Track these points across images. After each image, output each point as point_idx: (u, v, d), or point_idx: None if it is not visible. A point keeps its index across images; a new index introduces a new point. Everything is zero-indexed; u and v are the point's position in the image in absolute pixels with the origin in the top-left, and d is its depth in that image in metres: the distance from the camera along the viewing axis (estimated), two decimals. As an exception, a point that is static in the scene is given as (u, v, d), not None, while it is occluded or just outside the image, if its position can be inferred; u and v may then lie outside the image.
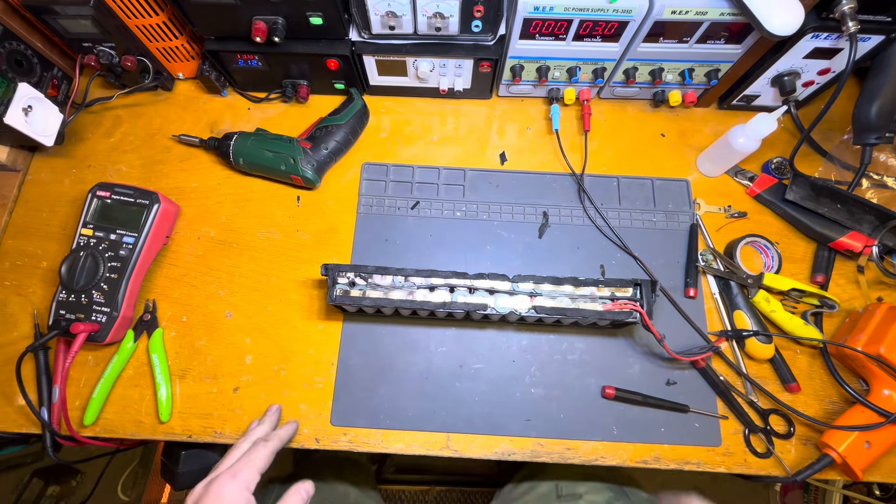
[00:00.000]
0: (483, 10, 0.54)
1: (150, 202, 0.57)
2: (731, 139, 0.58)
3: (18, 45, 0.59)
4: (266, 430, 0.51)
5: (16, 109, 0.55)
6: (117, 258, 0.56)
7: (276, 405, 0.55)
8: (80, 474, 1.27)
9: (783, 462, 0.53)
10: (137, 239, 0.56)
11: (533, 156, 0.67)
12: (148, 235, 0.57)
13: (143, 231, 0.57)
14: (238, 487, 0.43)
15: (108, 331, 0.54)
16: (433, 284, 0.52)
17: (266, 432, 0.51)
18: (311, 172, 0.61)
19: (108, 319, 0.54)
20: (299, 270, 0.61)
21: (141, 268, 0.57)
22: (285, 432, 0.51)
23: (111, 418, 0.55)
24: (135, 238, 0.56)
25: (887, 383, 0.52)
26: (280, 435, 0.50)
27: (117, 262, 0.56)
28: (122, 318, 0.55)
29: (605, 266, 0.61)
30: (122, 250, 0.56)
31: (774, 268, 0.60)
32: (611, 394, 0.55)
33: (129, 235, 0.56)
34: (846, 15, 0.49)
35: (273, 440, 0.48)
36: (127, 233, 0.56)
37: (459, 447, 0.55)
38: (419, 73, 0.62)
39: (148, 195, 0.58)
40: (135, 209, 0.57)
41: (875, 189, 0.63)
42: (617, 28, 0.55)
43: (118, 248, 0.56)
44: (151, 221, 0.57)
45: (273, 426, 0.53)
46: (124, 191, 0.58)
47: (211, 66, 0.65)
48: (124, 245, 0.56)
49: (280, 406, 0.55)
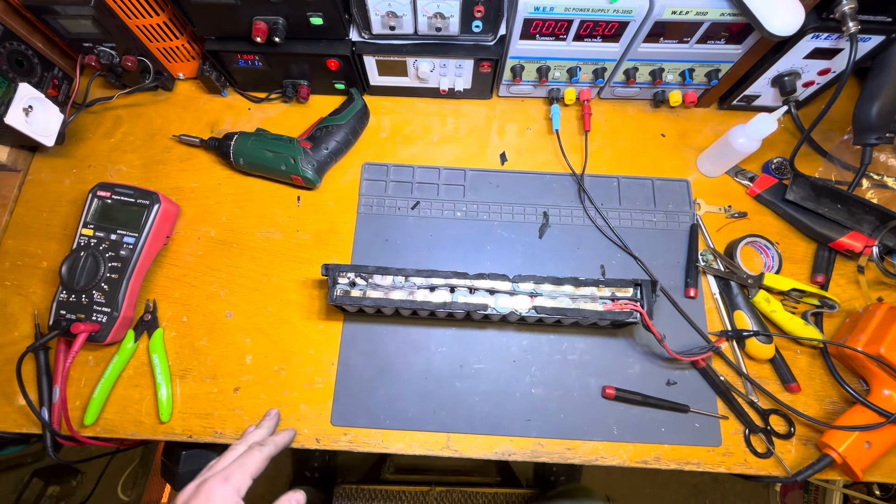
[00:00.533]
0: (483, 10, 0.54)
1: (151, 202, 0.57)
2: (731, 139, 0.59)
3: (19, 46, 0.59)
4: (263, 434, 0.51)
5: (16, 109, 0.55)
6: (118, 258, 0.56)
7: (275, 410, 0.55)
8: (80, 474, 1.27)
9: (783, 462, 0.53)
10: (138, 239, 0.56)
11: (533, 156, 0.67)
12: (148, 236, 0.57)
13: (143, 231, 0.57)
14: (229, 491, 0.42)
15: (108, 331, 0.54)
16: (433, 284, 0.52)
17: (263, 437, 0.50)
18: (311, 172, 0.61)
19: (108, 319, 0.54)
20: (299, 270, 0.61)
21: (141, 268, 0.57)
22: (282, 438, 0.50)
23: (111, 418, 0.55)
24: (135, 238, 0.56)
25: (887, 383, 0.52)
26: (277, 441, 0.49)
27: (118, 263, 0.56)
28: (123, 319, 0.55)
29: (606, 266, 0.61)
30: (122, 250, 0.56)
31: (775, 268, 0.60)
32: (611, 394, 0.55)
33: (130, 235, 0.56)
34: (846, 15, 0.49)
35: (269, 445, 0.48)
36: (127, 233, 0.56)
37: (459, 447, 0.55)
38: (419, 73, 0.62)
39: (148, 195, 0.58)
40: (135, 209, 0.57)
41: (875, 189, 0.63)
42: (617, 28, 0.55)
43: (119, 249, 0.56)
44: (152, 222, 0.57)
45: (271, 431, 0.52)
46: (125, 191, 0.58)
47: (211, 66, 0.65)
48: (125, 245, 0.56)
49: (279, 411, 0.55)
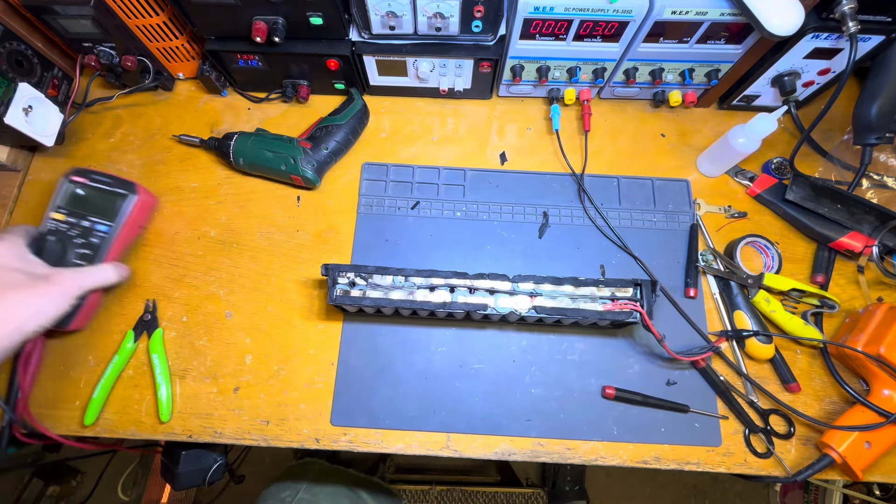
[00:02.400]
0: (483, 10, 0.54)
1: (128, 192, 0.57)
2: (731, 139, 0.58)
3: (19, 45, 0.59)
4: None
5: (16, 109, 0.55)
6: (88, 245, 0.55)
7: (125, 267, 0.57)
8: (80, 474, 1.27)
9: (783, 462, 0.54)
10: (112, 228, 0.56)
11: (533, 156, 0.67)
12: (123, 225, 0.56)
13: (118, 221, 0.56)
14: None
15: (71, 318, 0.54)
16: (433, 284, 0.52)
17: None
18: (311, 172, 0.61)
19: (72, 307, 0.54)
20: (299, 270, 0.61)
21: (113, 257, 0.57)
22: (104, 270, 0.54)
23: (111, 418, 0.55)
24: (109, 227, 0.56)
25: (887, 383, 0.52)
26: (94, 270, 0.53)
27: (88, 250, 0.55)
28: (88, 306, 0.55)
29: (605, 266, 0.61)
30: (93, 237, 0.55)
31: (774, 268, 0.60)
32: (611, 394, 0.55)
33: (104, 224, 0.56)
34: (846, 15, 0.49)
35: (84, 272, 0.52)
36: (101, 221, 0.56)
37: (459, 447, 0.55)
38: (419, 73, 0.62)
39: (126, 185, 0.57)
40: (112, 198, 0.56)
41: (875, 189, 0.63)
42: (617, 28, 0.55)
43: (90, 236, 0.55)
44: (128, 212, 0.56)
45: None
46: (102, 178, 0.57)
47: (211, 66, 0.65)
48: (96, 233, 0.56)
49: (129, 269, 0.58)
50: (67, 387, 0.56)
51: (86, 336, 0.58)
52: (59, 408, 0.55)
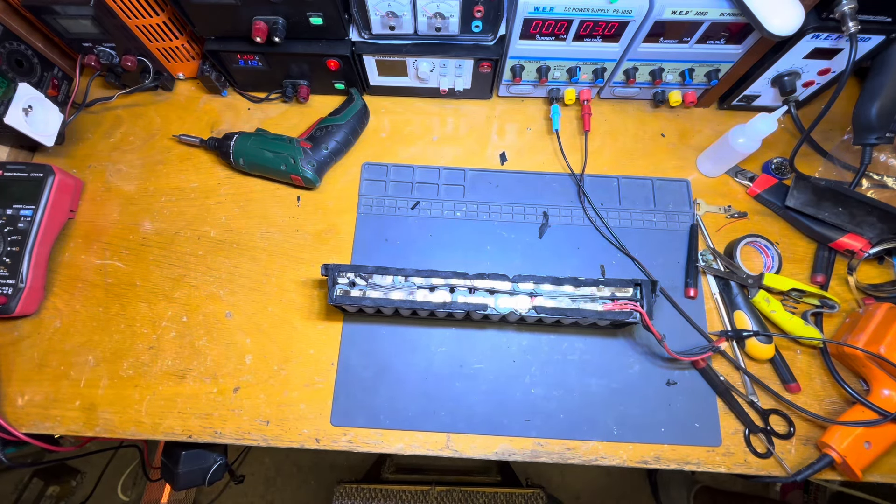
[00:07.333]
0: (483, 10, 0.54)
1: (45, 174, 0.59)
2: (731, 139, 0.58)
3: (19, 46, 0.59)
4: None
5: (16, 109, 0.55)
6: (16, 231, 0.57)
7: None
8: (80, 474, 1.27)
9: (783, 462, 0.53)
10: (35, 211, 0.57)
11: (533, 156, 0.67)
12: (46, 207, 0.58)
13: (40, 203, 0.58)
14: None
15: (15, 303, 0.55)
16: (433, 284, 0.52)
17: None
18: (311, 172, 0.61)
19: (13, 291, 0.56)
20: (299, 270, 0.61)
21: (44, 239, 0.58)
22: None
23: (111, 418, 0.55)
24: (32, 210, 0.57)
25: (887, 383, 0.52)
26: None
27: (17, 236, 0.57)
28: (30, 289, 0.56)
29: (606, 266, 0.61)
30: (20, 223, 0.57)
31: (774, 268, 0.60)
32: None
33: (26, 209, 0.58)
34: (846, 15, 0.49)
35: None
36: (24, 206, 0.57)
37: (459, 447, 0.55)
38: (419, 73, 0.62)
39: (41, 168, 0.59)
40: (29, 183, 0.58)
41: (875, 189, 0.63)
42: (617, 28, 0.55)
43: (16, 222, 0.57)
44: (48, 193, 0.58)
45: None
46: (16, 167, 0.59)
47: (211, 66, 0.65)
48: (22, 218, 0.57)
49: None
50: (67, 387, 0.56)
51: (86, 336, 0.58)
52: (59, 408, 0.55)
